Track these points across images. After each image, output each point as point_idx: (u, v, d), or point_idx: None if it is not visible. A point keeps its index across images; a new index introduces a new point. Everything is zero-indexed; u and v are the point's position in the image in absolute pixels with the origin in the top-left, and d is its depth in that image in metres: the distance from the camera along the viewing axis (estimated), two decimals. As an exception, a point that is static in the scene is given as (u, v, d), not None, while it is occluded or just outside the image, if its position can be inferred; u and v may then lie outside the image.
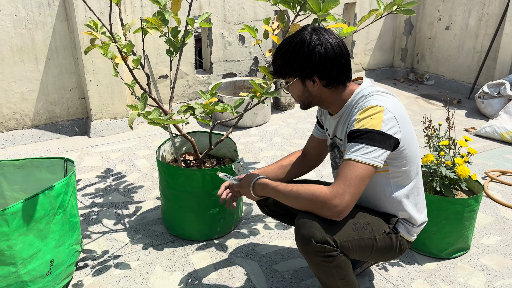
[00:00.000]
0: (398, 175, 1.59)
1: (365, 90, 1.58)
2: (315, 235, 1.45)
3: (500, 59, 4.27)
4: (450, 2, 4.71)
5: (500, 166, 3.12)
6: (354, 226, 1.54)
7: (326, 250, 1.46)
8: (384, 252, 1.63)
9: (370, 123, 1.45)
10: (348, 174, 1.42)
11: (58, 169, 2.09)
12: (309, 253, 1.48)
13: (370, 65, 5.20)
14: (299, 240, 1.49)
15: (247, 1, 4.09)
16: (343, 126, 1.63)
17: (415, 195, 1.66)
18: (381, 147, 1.43)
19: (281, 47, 1.58)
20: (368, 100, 1.52)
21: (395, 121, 1.47)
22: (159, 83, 3.94)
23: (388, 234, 1.61)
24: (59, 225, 1.84)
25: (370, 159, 1.42)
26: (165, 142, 2.42)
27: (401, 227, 1.65)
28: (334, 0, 1.69)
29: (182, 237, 2.29)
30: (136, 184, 2.87)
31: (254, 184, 1.63)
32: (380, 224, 1.61)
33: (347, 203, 1.41)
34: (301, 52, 1.52)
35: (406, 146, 1.53)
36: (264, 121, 3.93)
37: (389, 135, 1.45)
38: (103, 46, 2.00)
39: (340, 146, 1.68)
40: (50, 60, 3.43)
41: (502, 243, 2.27)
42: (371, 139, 1.43)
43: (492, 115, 3.95)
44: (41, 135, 3.56)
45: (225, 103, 2.12)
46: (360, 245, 1.54)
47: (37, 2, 3.26)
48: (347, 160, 1.44)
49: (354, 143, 1.45)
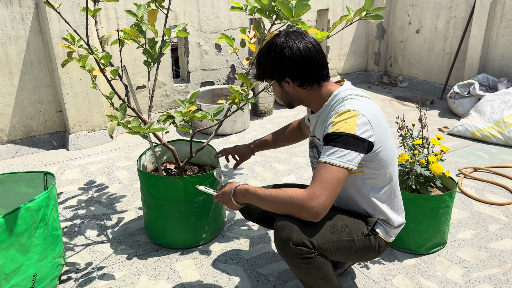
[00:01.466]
0: (374, 177, 1.63)
1: (343, 93, 1.62)
2: (293, 237, 1.48)
3: (469, 60, 4.42)
4: (419, 6, 4.86)
5: (473, 163, 3.22)
6: (332, 229, 1.57)
7: (304, 252, 1.49)
8: (363, 253, 1.66)
9: (344, 127, 1.49)
10: (324, 176, 1.46)
11: (38, 183, 2.08)
12: (288, 256, 1.52)
13: (345, 69, 5.30)
14: (277, 243, 1.53)
15: (222, 10, 4.14)
16: (321, 127, 1.67)
17: (392, 198, 1.70)
18: (355, 150, 1.48)
19: (258, 52, 1.69)
20: (343, 104, 1.57)
21: (369, 125, 1.52)
22: (137, 93, 3.94)
23: (367, 235, 1.65)
24: (41, 239, 1.83)
25: (344, 162, 1.46)
26: (146, 151, 2.43)
27: (380, 228, 1.68)
28: (305, 6, 1.74)
29: (166, 245, 2.30)
30: (117, 195, 2.86)
31: (235, 192, 1.65)
32: (358, 226, 1.64)
33: (324, 204, 1.45)
34: (270, 56, 1.61)
35: (382, 148, 1.57)
36: (243, 127, 3.97)
37: (362, 139, 1.49)
38: (81, 59, 2.01)
39: (319, 146, 1.72)
40: (25, 74, 3.40)
41: (477, 236, 2.35)
42: (345, 142, 1.47)
43: (464, 114, 4.08)
44: (18, 150, 3.52)
45: (204, 111, 2.15)
46: (338, 247, 1.58)
47: (10, 17, 3.23)
48: (322, 162, 1.48)
49: (330, 146, 1.49)
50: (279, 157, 3.39)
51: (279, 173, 3.11)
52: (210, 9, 4.07)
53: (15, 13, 3.24)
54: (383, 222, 1.70)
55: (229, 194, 1.67)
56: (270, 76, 1.64)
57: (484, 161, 3.25)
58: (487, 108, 3.74)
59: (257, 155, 3.41)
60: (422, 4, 4.81)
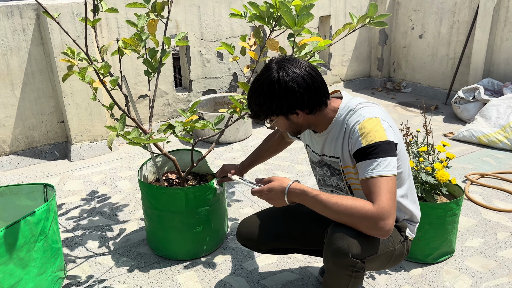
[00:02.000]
0: (399, 176, 1.62)
1: (350, 104, 1.59)
2: (353, 250, 1.43)
3: (473, 65, 4.38)
4: (421, 11, 4.83)
5: (479, 169, 3.18)
6: (383, 241, 1.56)
7: (357, 265, 1.46)
8: (398, 259, 1.67)
9: (377, 136, 1.47)
10: (384, 189, 1.42)
11: (38, 195, 2.05)
12: (340, 266, 1.47)
13: (348, 76, 5.28)
14: (333, 251, 1.46)
15: (224, 18, 4.13)
16: (335, 143, 1.61)
17: (412, 192, 1.72)
18: (393, 155, 1.48)
19: (253, 92, 1.55)
20: (359, 114, 1.53)
21: (390, 128, 1.53)
22: (139, 103, 3.92)
23: (402, 242, 1.66)
24: (41, 252, 1.80)
25: (391, 170, 1.45)
26: (146, 162, 2.41)
27: (407, 230, 1.70)
28: (308, 15, 1.72)
29: (168, 257, 2.26)
30: (119, 206, 2.83)
31: (290, 190, 1.54)
32: (396, 234, 1.64)
33: (394, 220, 1.42)
34: (275, 93, 1.50)
35: (400, 148, 1.58)
36: (246, 135, 3.94)
37: (393, 142, 1.49)
38: (81, 71, 1.99)
39: (333, 164, 1.66)
40: (26, 85, 3.39)
41: (486, 245, 2.30)
42: (384, 151, 1.46)
43: (469, 119, 4.04)
44: (20, 161, 3.50)
45: (206, 120, 2.12)
46: (384, 257, 1.58)
47: (11, 28, 3.23)
48: (373, 177, 1.44)
49: (370, 159, 1.46)
50: (282, 165, 3.35)
51: (282, 182, 3.07)
52: (211, 18, 4.06)
53: (16, 24, 3.24)
54: (408, 222, 1.72)
55: (280, 192, 1.54)
56: (277, 113, 1.55)
57: (491, 167, 3.20)
58: (493, 113, 3.69)
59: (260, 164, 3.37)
60: (425, 9, 4.79)
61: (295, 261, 2.21)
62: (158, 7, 2.16)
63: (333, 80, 5.15)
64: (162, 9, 2.18)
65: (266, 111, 1.54)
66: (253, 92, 1.55)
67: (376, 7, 2.00)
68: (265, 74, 1.52)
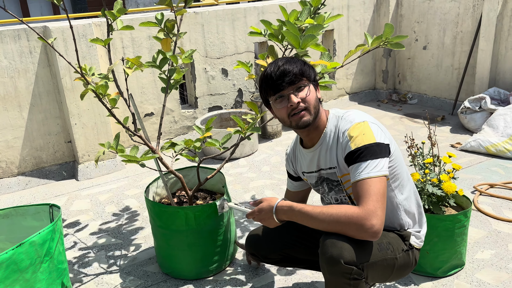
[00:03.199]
0: (396, 179, 1.63)
1: (337, 113, 1.66)
2: (345, 256, 1.43)
3: (478, 75, 4.37)
4: (425, 23, 4.85)
5: (488, 179, 3.14)
6: (379, 247, 1.55)
7: (353, 272, 1.45)
8: (402, 269, 1.64)
9: (365, 139, 1.50)
10: (371, 191, 1.44)
11: (44, 215, 2.06)
12: (335, 274, 1.46)
13: (353, 88, 5.28)
14: (326, 260, 1.46)
15: (227, 36, 4.17)
16: (329, 154, 1.63)
17: (415, 195, 1.72)
18: (383, 157, 1.49)
19: (289, 58, 1.62)
20: (348, 120, 1.58)
21: (380, 129, 1.56)
22: (146, 120, 3.95)
23: (406, 251, 1.64)
24: (46, 274, 1.80)
25: (380, 170, 1.47)
26: (156, 180, 2.41)
27: (412, 239, 1.67)
28: (311, 37, 1.73)
29: (173, 275, 2.25)
30: (126, 225, 2.83)
31: (277, 209, 1.59)
32: (398, 242, 1.63)
33: (382, 220, 1.42)
34: (304, 62, 1.61)
35: (393, 147, 1.59)
36: (252, 151, 3.94)
37: (383, 143, 1.52)
38: (96, 87, 2.01)
39: (331, 175, 1.67)
40: (34, 107, 3.44)
41: (497, 256, 2.26)
42: (372, 153, 1.48)
43: (476, 129, 4.00)
44: (28, 182, 3.53)
45: (212, 139, 2.13)
46: (383, 266, 1.55)
47: (19, 51, 3.29)
48: (361, 180, 1.47)
49: (359, 163, 1.49)
50: (289, 180, 3.34)
51: (289, 197, 3.06)
52: (215, 35, 4.10)
53: (23, 47, 3.30)
54: (414, 229, 1.70)
55: (268, 211, 1.61)
56: (309, 75, 1.60)
57: (500, 177, 3.16)
58: (500, 122, 3.66)
59: (267, 179, 3.37)
60: (428, 20, 4.80)
61: (302, 277, 2.19)
62: (169, 25, 2.19)
63: (338, 93, 5.15)
64: (172, 28, 2.21)
65: (301, 70, 1.57)
66: (287, 59, 1.61)
67: (392, 28, 1.96)
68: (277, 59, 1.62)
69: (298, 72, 1.56)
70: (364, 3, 4.97)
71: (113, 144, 1.78)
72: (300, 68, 1.57)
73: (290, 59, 1.61)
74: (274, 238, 1.89)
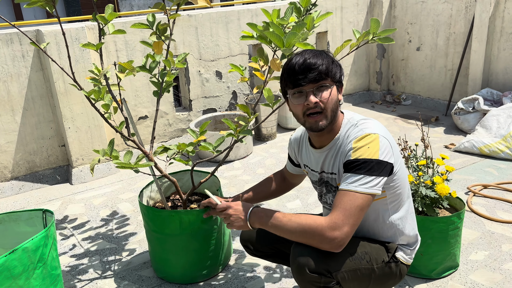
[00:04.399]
0: (395, 199, 1.59)
1: (352, 120, 1.58)
2: (310, 265, 1.43)
3: (471, 75, 4.39)
4: (418, 24, 4.87)
5: (482, 180, 3.15)
6: (351, 256, 1.51)
7: (322, 281, 1.44)
8: (383, 281, 1.60)
9: (367, 153, 1.43)
10: (347, 204, 1.40)
11: (37, 221, 2.05)
12: (304, 282, 1.46)
13: (347, 90, 5.29)
14: (294, 268, 1.47)
15: (221, 38, 4.17)
16: (334, 159, 1.59)
17: (411, 215, 1.68)
18: (379, 175, 1.42)
19: (317, 51, 1.51)
20: (360, 129, 1.50)
21: (389, 147, 1.48)
22: (139, 124, 3.94)
23: (387, 263, 1.59)
24: (40, 280, 1.79)
25: (369, 188, 1.41)
26: (150, 184, 2.40)
27: (399, 252, 1.63)
28: (294, 35, 1.71)
29: (167, 280, 2.24)
30: (120, 229, 2.82)
31: (251, 214, 1.58)
32: (378, 253, 1.58)
33: (347, 234, 1.39)
34: (329, 57, 1.51)
35: (399, 168, 1.54)
36: (247, 153, 3.94)
37: (386, 162, 1.44)
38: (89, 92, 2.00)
39: (331, 180, 1.64)
40: (27, 111, 3.42)
41: (490, 257, 2.27)
42: (369, 169, 1.42)
43: (470, 130, 4.02)
44: (22, 186, 3.51)
45: (206, 142, 2.12)
46: (357, 276, 1.51)
47: (11, 55, 3.27)
48: (345, 190, 1.42)
49: (352, 173, 1.43)
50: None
51: (283, 198, 3.06)
52: (209, 38, 4.10)
53: (16, 51, 3.29)
54: (403, 246, 1.65)
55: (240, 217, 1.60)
56: (334, 76, 1.49)
57: (493, 177, 3.18)
58: (493, 123, 3.68)
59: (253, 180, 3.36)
60: (421, 22, 4.82)
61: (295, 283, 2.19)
62: (161, 28, 2.19)
63: (332, 95, 5.16)
64: (164, 31, 2.21)
65: (327, 69, 1.47)
66: (315, 52, 1.50)
67: (378, 22, 1.94)
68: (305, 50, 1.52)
69: (324, 70, 1.46)
70: (358, 4, 4.99)
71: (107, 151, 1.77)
72: (327, 66, 1.46)
73: (319, 53, 1.49)
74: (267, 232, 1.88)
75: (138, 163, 1.76)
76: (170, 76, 2.24)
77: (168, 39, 2.22)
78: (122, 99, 2.28)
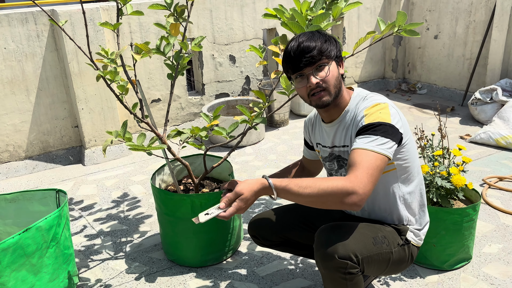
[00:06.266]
0: (404, 172, 1.60)
1: (361, 93, 1.64)
2: (339, 250, 1.43)
3: (490, 65, 4.29)
4: (437, 11, 4.76)
5: (497, 172, 3.10)
6: (374, 241, 1.53)
7: (348, 266, 1.44)
8: (398, 264, 1.63)
9: (381, 117, 1.47)
10: (368, 163, 1.39)
11: (50, 200, 2.06)
12: (330, 269, 1.46)
13: (362, 77, 5.22)
14: (320, 255, 1.46)
15: (236, 22, 4.12)
16: (345, 133, 1.62)
17: (422, 192, 1.69)
18: (392, 139, 1.45)
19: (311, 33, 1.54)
20: (370, 100, 1.56)
21: (398, 116, 1.52)
22: (152, 107, 3.94)
23: (402, 246, 1.62)
24: (53, 259, 1.81)
25: (385, 150, 1.43)
26: (162, 167, 2.40)
27: (410, 234, 1.65)
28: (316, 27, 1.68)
29: (178, 262, 2.26)
30: (132, 211, 2.84)
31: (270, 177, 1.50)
32: (394, 237, 1.61)
33: (369, 192, 1.37)
34: (323, 36, 1.54)
35: (408, 141, 1.56)
36: (258, 139, 3.92)
37: (397, 129, 1.48)
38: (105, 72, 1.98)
39: (343, 153, 1.66)
40: (41, 91, 3.43)
41: (504, 251, 2.24)
42: (384, 131, 1.45)
43: (486, 121, 3.95)
44: (35, 166, 3.54)
45: (220, 127, 2.10)
46: (379, 260, 1.54)
47: (26, 34, 3.27)
48: (362, 149, 1.42)
49: (368, 134, 1.45)
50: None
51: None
52: (223, 21, 4.06)
53: (31, 30, 3.28)
54: (413, 228, 1.68)
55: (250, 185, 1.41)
56: (329, 53, 1.52)
57: (509, 170, 3.12)
58: (511, 115, 3.60)
59: (273, 167, 3.35)
60: (440, 9, 4.71)
61: (308, 267, 2.18)
62: (179, 10, 2.16)
63: (347, 82, 5.10)
64: (182, 12, 2.18)
65: (320, 49, 1.50)
66: (310, 33, 1.55)
67: (405, 15, 1.88)
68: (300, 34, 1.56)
69: (317, 51, 1.50)
70: (376, -10, 4.89)
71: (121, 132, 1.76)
72: (320, 47, 1.50)
73: (312, 35, 1.53)
74: (276, 220, 1.88)
75: (151, 146, 1.75)
76: (185, 59, 2.22)
77: (185, 21, 2.19)
78: (137, 81, 2.27)
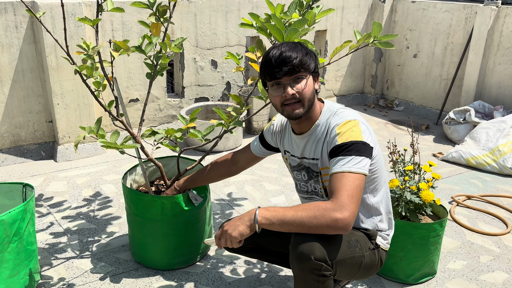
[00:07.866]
0: (373, 183, 1.65)
1: (332, 108, 1.66)
2: (315, 252, 1.45)
3: (465, 87, 4.41)
4: (417, 31, 4.87)
5: (466, 190, 3.17)
6: (348, 244, 1.57)
7: (322, 268, 1.46)
8: (368, 268, 1.66)
9: (353, 136, 1.51)
10: (347, 185, 1.44)
11: (16, 194, 2.01)
12: (304, 270, 1.47)
13: (341, 91, 5.29)
14: (296, 256, 1.47)
15: (220, 27, 4.13)
16: (315, 146, 1.65)
17: (387, 201, 1.75)
18: (366, 156, 1.50)
19: (293, 44, 1.57)
20: (341, 116, 1.59)
21: (368, 131, 1.57)
22: (130, 106, 3.89)
23: (372, 250, 1.66)
24: (14, 254, 1.76)
25: (361, 168, 1.47)
26: (135, 167, 2.37)
27: (379, 239, 1.70)
28: (294, 31, 1.70)
29: (145, 264, 2.22)
30: (102, 210, 2.79)
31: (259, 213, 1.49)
32: (365, 241, 1.65)
33: (354, 214, 1.42)
34: (303, 49, 1.56)
35: (377, 153, 1.61)
36: (236, 145, 3.92)
37: (368, 144, 1.52)
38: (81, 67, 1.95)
39: (312, 166, 1.69)
40: (16, 83, 3.36)
41: (468, 267, 2.29)
42: (357, 150, 1.49)
43: (459, 140, 4.05)
44: (4, 159, 3.45)
45: (195, 130, 2.10)
46: (351, 263, 1.57)
47: (4, 24, 3.20)
48: (340, 172, 1.46)
49: (343, 156, 1.49)
50: (270, 177, 3.33)
51: (268, 193, 3.05)
52: (207, 26, 4.06)
53: (9, 21, 3.22)
54: (380, 231, 1.73)
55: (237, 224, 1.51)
56: (308, 67, 1.55)
57: (477, 189, 3.20)
58: (482, 136, 3.70)
59: (248, 174, 3.35)
60: (420, 29, 4.83)
61: (275, 275, 2.18)
62: (161, 10, 2.15)
63: (326, 94, 5.16)
64: (164, 13, 2.17)
65: (300, 62, 1.53)
66: (293, 44, 1.57)
67: (380, 26, 1.94)
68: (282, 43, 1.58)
69: (298, 63, 1.52)
70: (359, 6, 4.97)
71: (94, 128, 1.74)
72: (301, 59, 1.53)
73: (294, 46, 1.56)
74: None
75: (124, 144, 1.73)
76: (165, 60, 2.21)
77: (167, 21, 2.18)
78: (113, 79, 2.24)
